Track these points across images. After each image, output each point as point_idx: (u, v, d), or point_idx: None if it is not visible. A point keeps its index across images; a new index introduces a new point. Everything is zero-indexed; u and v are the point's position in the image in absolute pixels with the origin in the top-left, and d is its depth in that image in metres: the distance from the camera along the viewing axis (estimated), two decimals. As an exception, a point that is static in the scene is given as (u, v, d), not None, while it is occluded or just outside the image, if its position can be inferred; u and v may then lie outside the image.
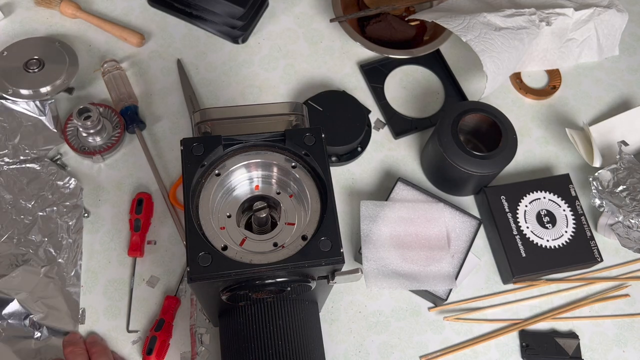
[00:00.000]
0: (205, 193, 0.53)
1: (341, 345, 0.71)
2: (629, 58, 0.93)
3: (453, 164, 0.72)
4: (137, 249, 0.72)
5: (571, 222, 0.76)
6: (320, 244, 0.50)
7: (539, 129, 0.86)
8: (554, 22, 0.82)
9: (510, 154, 0.73)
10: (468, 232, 0.75)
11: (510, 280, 0.74)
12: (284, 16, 0.91)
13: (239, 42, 0.87)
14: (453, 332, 0.73)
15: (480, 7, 0.83)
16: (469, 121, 0.77)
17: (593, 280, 0.77)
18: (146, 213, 0.74)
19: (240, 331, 0.55)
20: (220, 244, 0.50)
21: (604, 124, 0.84)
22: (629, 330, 0.75)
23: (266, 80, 0.86)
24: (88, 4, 0.88)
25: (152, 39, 0.87)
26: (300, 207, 0.54)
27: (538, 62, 0.88)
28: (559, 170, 0.83)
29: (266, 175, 0.56)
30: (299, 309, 0.57)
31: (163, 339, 0.67)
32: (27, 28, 0.85)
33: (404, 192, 0.77)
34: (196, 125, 0.57)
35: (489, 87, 0.77)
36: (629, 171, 0.76)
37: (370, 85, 0.86)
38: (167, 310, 0.69)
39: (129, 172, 0.78)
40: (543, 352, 0.71)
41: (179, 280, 0.72)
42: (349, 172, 0.80)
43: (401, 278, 0.70)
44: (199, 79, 0.84)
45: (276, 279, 0.50)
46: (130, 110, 0.79)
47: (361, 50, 0.87)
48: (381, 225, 0.73)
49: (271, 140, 0.55)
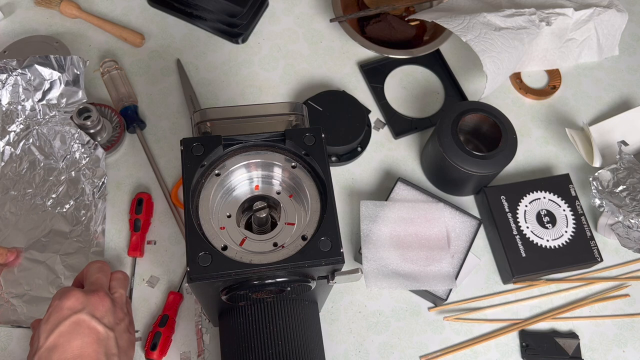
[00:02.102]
0: (205, 193, 0.53)
1: (341, 345, 0.71)
2: (629, 58, 0.93)
3: (453, 164, 0.72)
4: (137, 249, 0.72)
5: (571, 222, 0.76)
6: (320, 244, 0.50)
7: (539, 129, 0.86)
8: (554, 22, 0.82)
9: (510, 154, 0.73)
10: (468, 232, 0.75)
11: (510, 280, 0.74)
12: (283, 16, 0.91)
13: (238, 42, 0.87)
14: (453, 332, 0.73)
15: (480, 7, 0.83)
16: (469, 121, 0.77)
17: (593, 280, 0.77)
18: (146, 213, 0.74)
19: (240, 331, 0.55)
20: (220, 244, 0.50)
21: (604, 124, 0.84)
22: (629, 330, 0.75)
23: (266, 80, 0.86)
24: (88, 4, 0.88)
25: (152, 39, 0.87)
26: (300, 207, 0.54)
27: (538, 62, 0.88)
28: (559, 170, 0.83)
29: (266, 175, 0.56)
30: (299, 309, 0.57)
31: (167, 334, 0.67)
32: (27, 28, 0.85)
33: (404, 192, 0.77)
34: (196, 125, 0.57)
35: (489, 87, 0.77)
36: (629, 171, 0.76)
37: (370, 85, 0.86)
38: (171, 306, 0.69)
39: (129, 172, 0.78)
40: (543, 352, 0.71)
41: (181, 276, 0.72)
42: (349, 172, 0.80)
43: (401, 278, 0.70)
44: (198, 79, 0.84)
45: (276, 279, 0.50)
46: (130, 110, 0.79)
47: (361, 50, 0.87)
48: (381, 225, 0.73)
49: (271, 140, 0.55)
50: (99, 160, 0.75)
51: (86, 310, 0.54)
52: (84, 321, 0.53)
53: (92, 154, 0.75)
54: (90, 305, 0.54)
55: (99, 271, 0.59)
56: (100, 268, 0.60)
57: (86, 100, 0.77)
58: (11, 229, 0.71)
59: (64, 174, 0.74)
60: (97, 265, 0.60)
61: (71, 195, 0.73)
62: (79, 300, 0.54)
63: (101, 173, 0.74)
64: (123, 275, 0.61)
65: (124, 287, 0.60)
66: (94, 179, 0.74)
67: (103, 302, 0.55)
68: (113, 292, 0.59)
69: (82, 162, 0.74)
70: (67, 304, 0.54)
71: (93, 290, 0.56)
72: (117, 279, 0.60)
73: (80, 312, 0.53)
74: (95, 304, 0.55)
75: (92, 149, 0.75)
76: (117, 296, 0.59)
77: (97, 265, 0.60)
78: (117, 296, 0.59)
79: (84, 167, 0.74)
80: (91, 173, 0.74)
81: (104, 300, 0.56)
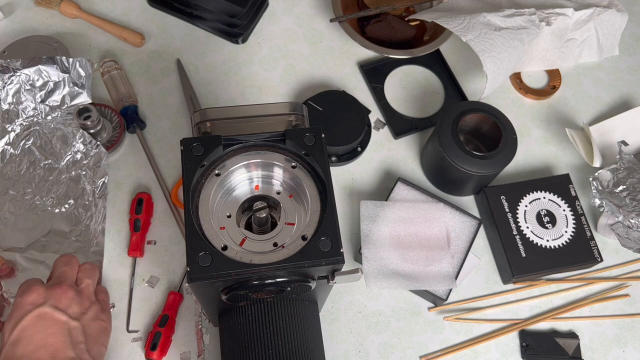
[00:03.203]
0: (205, 193, 0.53)
1: (341, 345, 0.71)
2: (629, 58, 0.93)
3: (453, 164, 0.72)
4: (137, 249, 0.72)
5: (571, 222, 0.76)
6: (320, 244, 0.50)
7: (539, 129, 0.86)
8: (554, 22, 0.82)
9: (510, 154, 0.73)
10: (468, 232, 0.75)
11: (510, 280, 0.74)
12: (283, 16, 0.91)
13: (238, 42, 0.87)
14: (453, 332, 0.72)
15: (480, 7, 0.83)
16: (469, 121, 0.77)
17: (593, 280, 0.77)
18: (146, 213, 0.73)
19: (240, 331, 0.55)
20: (220, 244, 0.50)
21: (604, 124, 0.84)
22: (629, 330, 0.75)
23: (266, 80, 0.86)
24: (88, 4, 0.88)
25: (152, 39, 0.87)
26: (300, 207, 0.54)
27: (538, 62, 0.88)
28: (559, 170, 0.83)
29: (266, 175, 0.56)
30: (299, 309, 0.57)
31: (167, 334, 0.67)
32: (27, 28, 0.85)
33: (404, 192, 0.77)
34: (196, 125, 0.57)
35: (489, 87, 0.77)
36: (629, 171, 0.76)
37: (370, 85, 0.86)
38: (171, 306, 0.69)
39: (128, 172, 0.78)
40: (543, 352, 0.71)
41: (181, 276, 0.72)
42: (349, 172, 0.80)
43: (401, 278, 0.70)
44: (198, 79, 0.84)
45: (276, 279, 0.50)
46: (130, 110, 0.79)
47: (361, 50, 0.87)
48: (381, 225, 0.73)
49: (271, 140, 0.55)
50: (100, 160, 0.75)
51: (48, 303, 0.54)
52: (46, 313, 0.53)
53: (94, 153, 0.75)
54: (53, 298, 0.54)
55: (64, 264, 0.59)
56: (66, 262, 0.60)
57: (91, 101, 0.77)
58: (10, 229, 0.71)
59: (65, 174, 0.74)
60: (64, 259, 0.60)
61: (71, 195, 0.73)
62: (40, 294, 0.54)
63: (102, 173, 0.74)
64: (90, 266, 0.61)
65: (91, 277, 0.60)
66: (94, 179, 0.74)
67: (66, 294, 0.55)
68: (79, 283, 0.59)
69: (83, 162, 0.74)
70: (29, 300, 0.54)
71: (56, 283, 0.56)
72: (84, 269, 0.60)
73: (42, 306, 0.53)
74: (57, 296, 0.55)
75: (94, 148, 0.75)
76: (83, 286, 0.58)
77: (63, 259, 0.60)
78: (83, 286, 0.58)
79: (84, 167, 0.74)
80: (92, 173, 0.74)
81: (67, 291, 0.55)
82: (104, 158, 0.75)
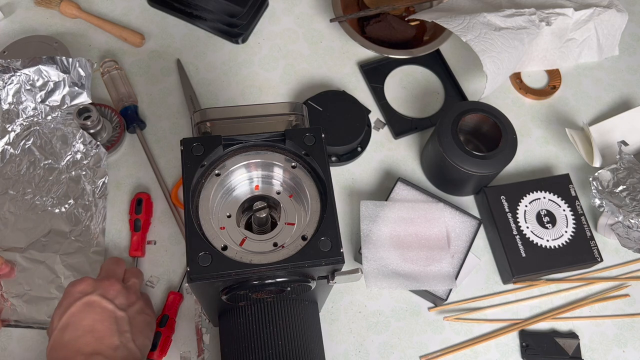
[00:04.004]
0: (205, 193, 0.53)
1: (341, 345, 0.71)
2: (629, 58, 0.93)
3: (453, 164, 0.72)
4: (138, 249, 0.72)
5: (571, 222, 0.76)
6: (320, 244, 0.50)
7: (539, 129, 0.86)
8: (554, 22, 0.82)
9: (510, 154, 0.73)
10: (468, 232, 0.75)
11: (510, 280, 0.74)
12: (283, 16, 0.91)
13: (238, 42, 0.87)
14: (453, 332, 0.73)
15: (480, 7, 0.83)
16: (469, 121, 0.77)
17: (593, 280, 0.77)
18: (146, 213, 0.73)
19: (240, 331, 0.55)
20: (220, 244, 0.50)
21: (604, 124, 0.84)
22: (629, 330, 0.75)
23: (266, 80, 0.86)
24: (88, 4, 0.88)
25: (152, 39, 0.87)
26: (300, 207, 0.54)
27: (538, 62, 0.88)
28: (559, 170, 0.83)
29: (266, 175, 0.56)
30: (299, 309, 0.57)
31: (167, 334, 0.67)
32: (27, 28, 0.85)
33: (404, 192, 0.77)
34: (196, 125, 0.57)
35: (489, 87, 0.77)
36: (629, 171, 0.76)
37: (370, 85, 0.86)
38: (171, 306, 0.69)
39: (128, 172, 0.78)
40: (543, 352, 0.71)
41: (181, 276, 0.72)
42: (349, 172, 0.80)
43: (401, 278, 0.70)
44: (198, 79, 0.84)
45: (276, 279, 0.50)
46: (130, 110, 0.79)
47: (361, 50, 0.87)
48: (381, 225, 0.73)
49: (271, 140, 0.55)
50: (100, 160, 0.75)
51: (97, 292, 0.57)
52: (94, 301, 0.56)
53: (94, 154, 0.75)
54: (101, 288, 0.58)
55: (113, 264, 0.63)
56: (115, 262, 0.64)
57: (90, 102, 0.77)
58: (10, 229, 0.71)
59: (65, 174, 0.74)
60: (112, 260, 0.64)
61: (71, 195, 0.73)
62: (89, 284, 0.58)
63: (102, 173, 0.74)
64: (137, 269, 0.66)
65: (138, 278, 0.64)
66: (94, 179, 0.74)
67: (113, 286, 0.59)
68: (126, 281, 0.63)
69: (83, 162, 0.74)
70: (79, 289, 0.57)
71: (104, 276, 0.60)
72: (131, 270, 0.65)
73: (92, 294, 0.57)
74: (105, 287, 0.58)
75: (94, 148, 0.75)
76: (130, 283, 0.62)
77: (112, 259, 0.65)
78: (130, 283, 0.62)
79: (84, 167, 0.74)
80: (92, 173, 0.74)
81: (115, 284, 0.59)
82: (104, 158, 0.75)
